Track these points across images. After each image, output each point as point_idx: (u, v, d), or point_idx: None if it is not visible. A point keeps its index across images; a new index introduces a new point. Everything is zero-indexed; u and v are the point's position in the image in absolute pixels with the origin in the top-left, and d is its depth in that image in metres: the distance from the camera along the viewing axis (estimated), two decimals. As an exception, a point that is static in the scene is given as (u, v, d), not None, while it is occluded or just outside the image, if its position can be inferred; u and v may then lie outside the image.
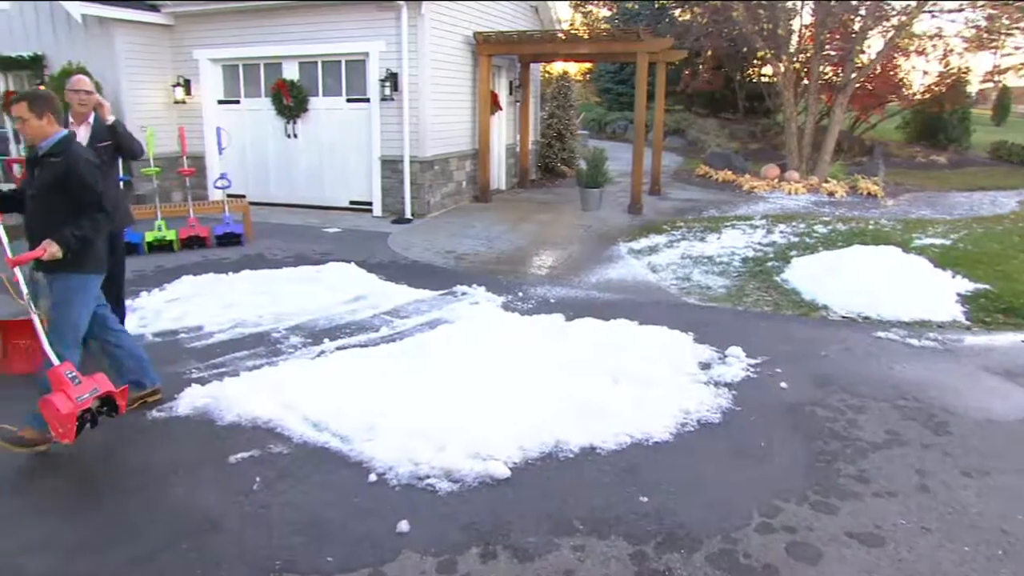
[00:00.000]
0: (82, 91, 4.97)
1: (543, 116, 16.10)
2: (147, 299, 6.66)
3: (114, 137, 5.07)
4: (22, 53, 11.50)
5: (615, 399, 4.42)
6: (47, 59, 11.35)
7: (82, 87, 4.98)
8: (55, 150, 3.82)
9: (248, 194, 11.96)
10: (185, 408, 4.45)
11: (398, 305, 6.55)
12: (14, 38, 11.55)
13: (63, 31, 11.13)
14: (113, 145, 5.08)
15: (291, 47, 10.97)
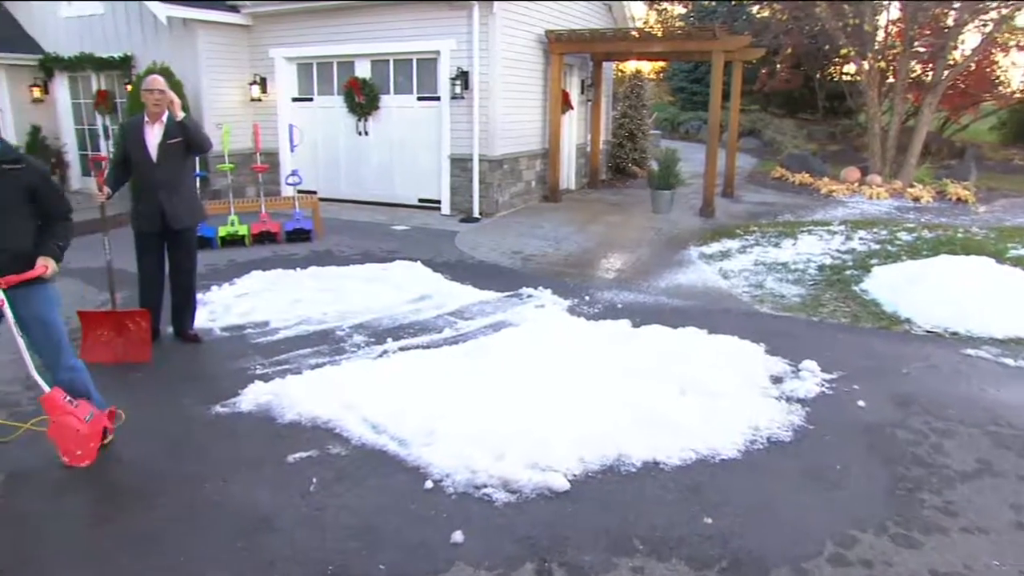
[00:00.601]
0: (156, 90, 5.09)
1: (615, 116, 15.87)
2: (217, 293, 6.82)
3: (183, 133, 5.19)
4: (113, 54, 12.02)
5: (681, 411, 4.26)
6: (135, 59, 11.82)
7: (155, 87, 5.10)
8: (8, 157, 3.58)
9: (319, 190, 12.18)
10: (248, 404, 4.51)
11: (463, 306, 6.52)
12: (106, 40, 12.09)
13: (150, 32, 11.58)
14: (184, 141, 5.20)
15: (363, 45, 11.10)
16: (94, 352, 5.17)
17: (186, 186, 5.40)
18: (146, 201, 5.24)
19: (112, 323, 5.21)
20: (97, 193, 5.02)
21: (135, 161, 5.16)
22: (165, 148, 5.14)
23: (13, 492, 3.68)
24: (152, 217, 5.23)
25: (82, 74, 12.83)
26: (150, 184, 5.19)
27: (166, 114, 5.15)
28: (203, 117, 11.37)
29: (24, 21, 13.26)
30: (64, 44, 12.67)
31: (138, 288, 5.54)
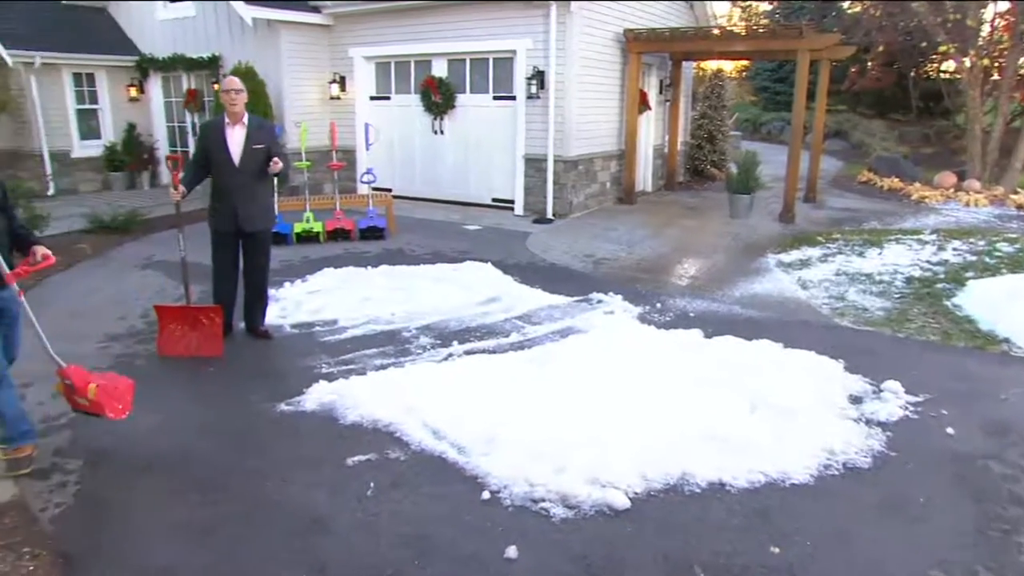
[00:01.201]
0: (232, 90, 5.20)
1: (694, 116, 15.50)
2: (289, 290, 6.97)
3: (272, 148, 5.30)
4: (202, 54, 12.52)
5: (751, 430, 4.08)
6: (222, 59, 12.27)
7: (232, 87, 5.21)
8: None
9: (394, 188, 12.37)
10: (312, 404, 4.56)
11: (531, 310, 6.45)
12: (197, 41, 12.60)
13: (236, 33, 11.99)
14: (267, 149, 5.28)
15: (441, 45, 11.16)
16: (169, 345, 5.36)
17: (263, 190, 5.50)
18: (223, 202, 5.36)
19: (186, 318, 5.39)
20: (172, 192, 5.18)
21: (215, 162, 5.28)
22: (248, 152, 5.24)
23: (90, 477, 3.84)
24: (228, 217, 5.36)
25: (174, 74, 13.41)
26: (229, 186, 5.31)
27: (246, 116, 5.27)
28: (283, 115, 11.70)
29: (124, 25, 13.99)
30: (159, 46, 13.27)
31: (212, 284, 5.70)
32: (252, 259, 5.58)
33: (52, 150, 13.03)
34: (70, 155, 13.42)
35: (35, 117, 12.70)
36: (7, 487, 3.79)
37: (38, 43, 12.42)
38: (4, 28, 12.16)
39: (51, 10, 13.49)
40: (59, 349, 5.62)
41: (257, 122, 5.37)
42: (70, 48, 12.88)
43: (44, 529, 3.42)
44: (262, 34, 11.65)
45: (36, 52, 12.29)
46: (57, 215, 10.41)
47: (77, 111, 13.41)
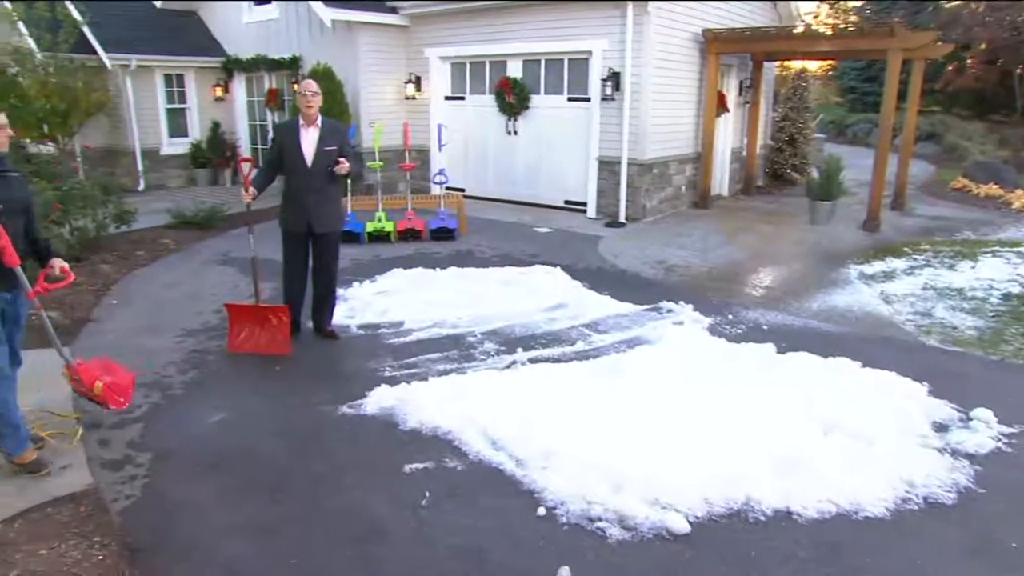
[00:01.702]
0: (309, 92, 5.28)
1: (775, 118, 15.00)
2: (358, 290, 7.06)
3: (343, 150, 5.37)
4: (283, 55, 12.87)
5: (823, 455, 3.88)
6: (302, 60, 12.58)
7: (309, 89, 5.29)
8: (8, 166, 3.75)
9: (467, 188, 12.42)
10: (373, 407, 4.60)
11: (598, 318, 6.34)
12: (279, 43, 12.98)
13: (316, 34, 12.28)
14: (339, 150, 5.34)
15: (516, 45, 11.13)
16: (239, 343, 5.51)
17: (334, 192, 5.55)
18: (294, 202, 5.44)
19: (255, 316, 5.53)
20: (244, 193, 5.30)
21: (288, 163, 5.37)
22: (320, 154, 5.31)
23: (158, 472, 3.96)
24: (299, 219, 5.44)
25: (256, 74, 13.85)
26: (300, 187, 5.38)
27: (320, 118, 5.34)
28: (359, 115, 11.90)
29: (212, 27, 14.56)
30: (243, 47, 13.73)
31: (283, 283, 5.82)
32: (321, 260, 5.65)
33: (143, 147, 13.67)
34: (159, 152, 14.04)
35: (129, 116, 13.34)
36: (84, 475, 3.96)
37: (134, 47, 13.06)
38: (105, 34, 12.82)
39: (147, 15, 14.18)
40: (140, 342, 5.93)
41: (330, 124, 5.44)
42: (163, 51, 13.49)
43: (113, 520, 3.55)
44: (340, 35, 11.88)
45: (132, 55, 12.92)
46: (144, 210, 10.88)
47: (167, 110, 14.03)
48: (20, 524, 3.53)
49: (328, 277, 5.74)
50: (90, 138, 13.30)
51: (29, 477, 3.90)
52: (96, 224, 8.67)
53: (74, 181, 8.44)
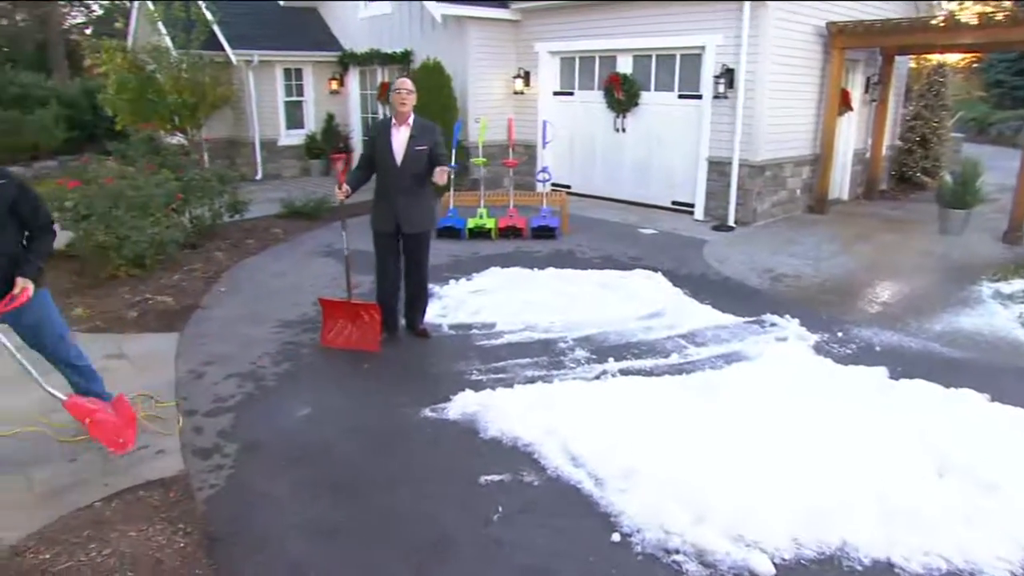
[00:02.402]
0: (403, 90, 5.25)
1: (905, 116, 13.94)
2: (453, 288, 7.06)
3: (434, 150, 5.31)
4: (396, 49, 13.13)
5: (936, 500, 3.50)
6: (413, 54, 12.78)
7: (403, 87, 5.27)
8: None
9: (573, 185, 12.27)
10: (455, 412, 4.55)
11: (696, 329, 6.05)
12: (391, 37, 13.26)
13: (427, 29, 12.45)
14: (428, 150, 5.30)
15: (626, 41, 10.85)
16: (331, 337, 5.63)
17: (424, 191, 5.50)
18: (385, 202, 5.45)
19: (347, 312, 5.63)
20: (337, 191, 5.34)
21: (379, 162, 5.38)
22: (410, 153, 5.29)
23: (242, 463, 4.09)
24: (388, 218, 5.45)
25: (370, 68, 14.22)
26: (390, 186, 5.38)
27: (412, 117, 5.32)
28: (467, 109, 11.97)
29: (330, 23, 15.07)
30: (358, 41, 14.13)
31: (375, 283, 5.85)
32: (412, 259, 5.65)
33: (262, 139, 14.33)
34: (277, 143, 14.67)
35: (251, 109, 14.00)
36: (176, 461, 4.13)
37: (257, 43, 13.71)
38: (232, 32, 13.51)
39: (271, 12, 14.87)
40: (241, 331, 6.14)
41: (421, 123, 5.40)
42: (283, 46, 14.08)
43: (198, 508, 3.68)
44: (451, 30, 11.97)
45: (255, 51, 13.56)
46: (259, 199, 11.40)
47: (285, 103, 14.63)
48: (117, 504, 3.72)
49: (419, 277, 5.74)
50: (214, 130, 14.04)
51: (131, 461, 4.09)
52: (212, 213, 9.12)
53: (195, 172, 8.88)
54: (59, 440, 4.34)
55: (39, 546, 3.37)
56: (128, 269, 7.35)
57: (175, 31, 12.60)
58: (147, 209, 7.42)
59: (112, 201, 7.11)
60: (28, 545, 3.38)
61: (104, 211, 7.07)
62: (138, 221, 7.21)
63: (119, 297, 6.91)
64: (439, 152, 5.35)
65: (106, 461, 4.11)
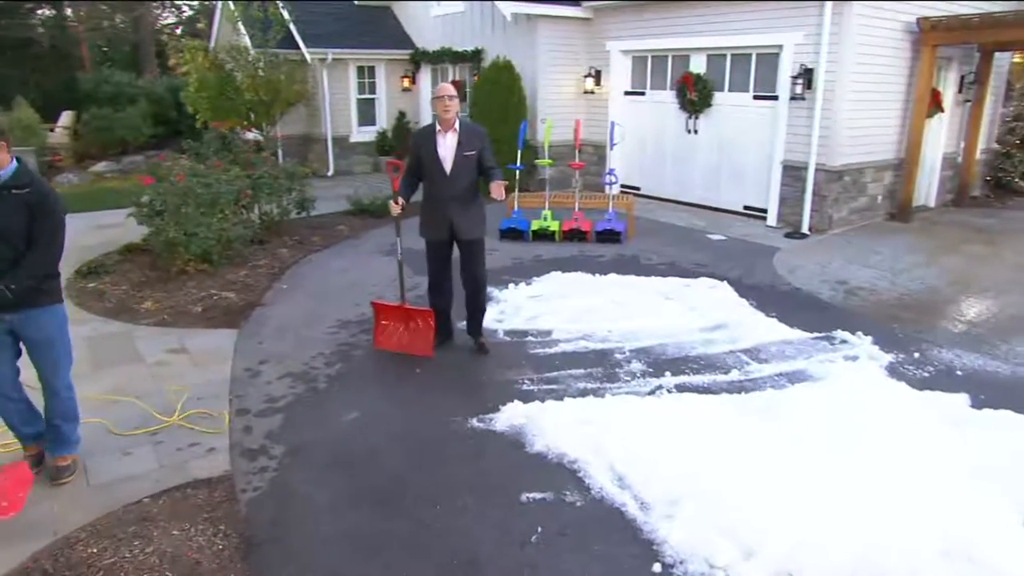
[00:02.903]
0: (446, 96, 5.09)
1: (1005, 117, 13.04)
2: (512, 292, 6.97)
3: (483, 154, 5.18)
4: (467, 48, 13.13)
5: (1015, 554, 3.18)
6: (484, 53, 12.75)
7: (446, 93, 5.11)
8: (20, 181, 3.53)
9: (642, 187, 12.04)
10: (503, 424, 4.47)
11: (760, 343, 5.78)
12: (463, 35, 13.30)
13: (498, 28, 12.41)
14: (478, 155, 5.17)
15: (701, 39, 10.53)
16: (384, 339, 5.60)
17: (476, 197, 5.33)
18: (435, 211, 5.30)
19: (400, 316, 5.58)
20: (392, 204, 5.21)
21: (427, 170, 5.22)
22: (459, 159, 5.16)
23: (287, 467, 4.12)
24: (440, 227, 5.30)
25: (441, 66, 14.28)
26: (440, 194, 5.23)
27: (458, 122, 5.16)
28: (537, 108, 11.89)
29: (404, 21, 15.23)
30: (430, 40, 14.23)
31: (428, 290, 5.71)
32: (466, 268, 5.49)
33: (334, 135, 14.60)
34: (348, 139, 14.92)
35: (324, 106, 14.26)
36: (224, 461, 4.19)
37: (332, 41, 13.97)
38: (307, 30, 13.80)
39: (345, 10, 15.15)
40: (298, 329, 6.27)
41: (468, 128, 5.26)
42: (357, 44, 14.31)
43: (240, 511, 3.71)
44: (521, 28, 11.89)
45: (329, 49, 13.81)
46: (329, 195, 11.59)
47: (358, 100, 14.84)
48: (164, 501, 3.80)
49: (475, 286, 5.56)
50: (289, 127, 14.38)
51: (181, 459, 4.18)
52: (280, 210, 9.29)
53: (264, 169, 9.06)
54: (115, 432, 4.48)
55: (89, 539, 3.47)
56: (196, 265, 7.55)
57: (253, 30, 12.93)
58: (215, 206, 7.60)
59: (181, 199, 7.31)
60: (80, 537, 3.49)
61: (174, 208, 7.27)
62: (206, 218, 7.39)
63: (187, 292, 7.11)
64: (489, 158, 5.22)
65: (159, 456, 4.21)
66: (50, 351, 3.83)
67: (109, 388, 5.12)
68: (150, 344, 5.92)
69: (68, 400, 3.98)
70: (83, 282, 7.51)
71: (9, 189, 3.49)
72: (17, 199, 3.50)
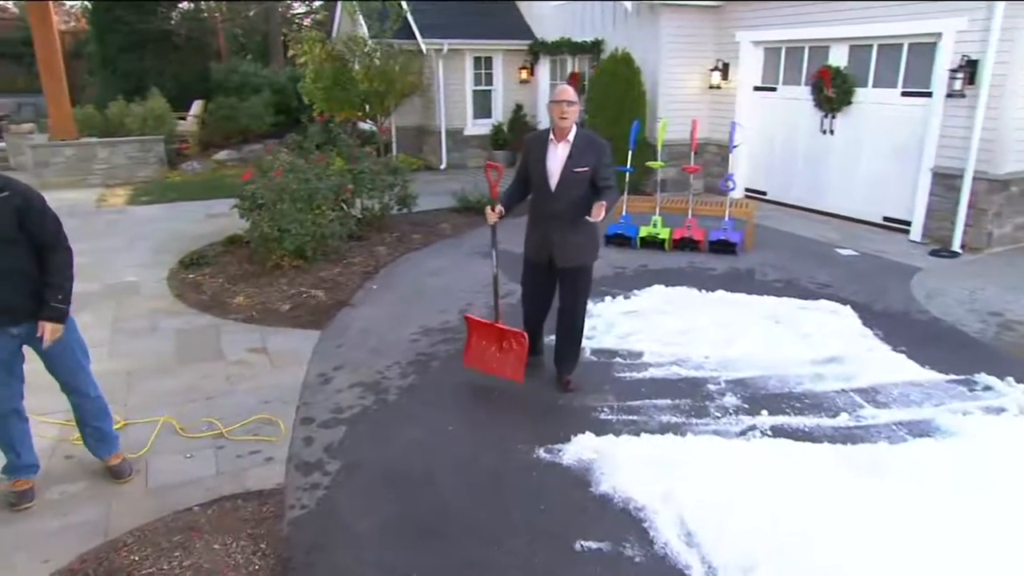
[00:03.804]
0: (563, 101, 4.58)
1: None
2: (608, 307, 6.70)
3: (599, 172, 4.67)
4: (586, 39, 12.90)
5: None
6: (604, 43, 12.47)
7: (564, 97, 4.60)
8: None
9: (769, 192, 11.44)
10: (570, 457, 4.26)
11: (880, 383, 5.20)
12: (582, 26, 13.09)
13: (619, 18, 12.13)
14: (591, 172, 4.68)
15: (843, 28, 9.74)
16: (473, 359, 5.30)
17: (583, 219, 4.62)
18: (537, 228, 4.94)
19: (493, 336, 5.21)
20: (489, 212, 4.89)
21: (533, 182, 4.86)
22: (568, 175, 4.66)
23: (339, 485, 4.08)
24: (539, 248, 4.92)
25: (560, 57, 14.14)
26: (543, 212, 4.83)
27: (573, 131, 4.72)
28: (657, 103, 11.50)
29: (524, 11, 15.17)
30: (549, 30, 14.10)
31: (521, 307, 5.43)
32: (565, 298, 5.03)
33: (448, 128, 14.75)
34: (463, 132, 15.05)
35: (439, 98, 14.43)
36: (279, 473, 4.22)
37: (448, 31, 14.11)
38: (424, 20, 14.00)
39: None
40: (380, 334, 6.32)
41: (586, 139, 4.71)
42: (474, 34, 14.37)
43: (283, 529, 3.70)
44: (643, 18, 11.51)
45: (445, 40, 13.96)
46: (436, 190, 11.72)
47: (473, 92, 14.92)
48: (213, 511, 3.87)
49: (571, 320, 5.08)
50: (404, 118, 14.68)
51: (239, 466, 4.24)
52: (381, 206, 9.43)
53: (366, 163, 9.20)
54: (181, 434, 4.62)
55: (134, 544, 3.57)
56: (291, 260, 7.77)
57: (371, 20, 13.25)
58: (312, 202, 7.77)
59: (277, 194, 7.52)
60: (126, 542, 3.59)
61: (270, 203, 7.50)
62: (301, 215, 7.56)
63: (278, 288, 7.32)
64: (606, 175, 4.68)
65: (219, 462, 4.30)
66: (71, 355, 3.87)
67: (186, 386, 5.31)
68: (234, 341, 6.12)
69: (98, 399, 4.06)
70: (184, 273, 7.91)
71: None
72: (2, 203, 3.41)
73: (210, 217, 10.52)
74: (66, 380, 3.92)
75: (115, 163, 13.99)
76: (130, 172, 14.11)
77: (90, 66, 20.76)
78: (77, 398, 4.00)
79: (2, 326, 3.61)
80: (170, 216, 10.95)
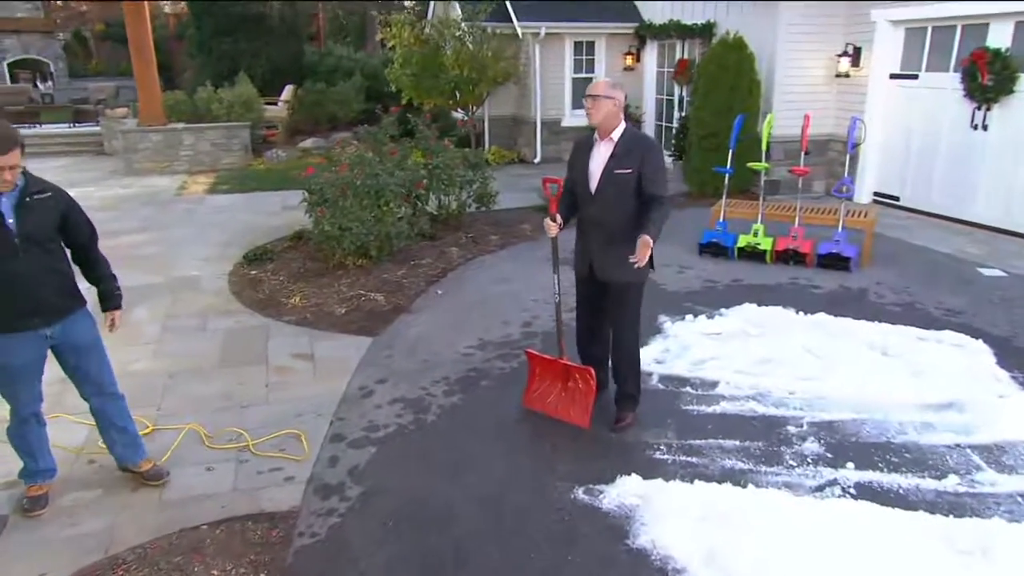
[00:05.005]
0: (588, 96, 4.46)
1: None
2: (686, 326, 6.41)
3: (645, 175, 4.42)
4: (696, 21, 12.48)
5: None
6: (716, 27, 12.02)
7: (589, 92, 4.46)
8: (38, 187, 3.75)
9: (903, 197, 10.70)
10: (611, 501, 4.05)
11: (1007, 441, 4.64)
12: (693, 7, 12.68)
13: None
14: (636, 173, 4.44)
15: (1009, 1, 8.82)
16: (534, 399, 5.11)
17: (627, 229, 4.43)
18: (580, 238, 4.78)
19: (557, 373, 5.03)
20: (549, 223, 4.67)
21: (576, 187, 4.68)
22: (608, 177, 4.47)
23: (354, 513, 4.04)
24: (582, 257, 4.78)
25: (668, 42, 13.72)
26: (585, 218, 4.69)
27: (619, 129, 4.50)
28: (772, 93, 11.02)
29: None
30: (657, 12, 13.74)
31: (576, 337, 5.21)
32: (610, 316, 4.84)
33: (544, 118, 14.63)
34: (560, 123, 14.91)
35: (535, 85, 14.32)
36: (296, 494, 4.24)
37: (547, 13, 13.98)
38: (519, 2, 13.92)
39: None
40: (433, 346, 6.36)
41: (631, 139, 4.49)
42: (574, 17, 14.17)
43: (288, 557, 3.70)
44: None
45: (543, 23, 13.86)
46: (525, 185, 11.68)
47: (573, 80, 14.72)
48: (220, 531, 3.93)
49: (619, 339, 4.81)
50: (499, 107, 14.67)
51: (257, 484, 4.31)
52: (458, 204, 9.42)
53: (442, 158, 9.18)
54: (206, 443, 4.72)
55: (132, 563, 3.66)
56: (355, 259, 7.85)
57: (465, 2, 13.30)
58: (379, 199, 7.80)
59: (341, 191, 7.61)
60: (126, 560, 3.69)
61: (333, 200, 7.60)
62: (363, 213, 7.62)
63: (337, 289, 7.42)
64: (650, 179, 4.41)
65: (237, 478, 4.35)
66: (98, 352, 4.11)
67: (222, 392, 5.44)
68: (281, 345, 6.24)
69: (122, 399, 4.29)
70: (247, 268, 8.16)
71: (32, 195, 3.69)
72: (42, 204, 3.72)
73: (286, 209, 10.83)
74: (95, 379, 4.11)
75: (200, 149, 14.71)
76: (214, 159, 14.79)
77: (189, 49, 21.91)
78: (101, 400, 4.19)
79: (35, 328, 3.82)
80: (246, 207, 11.37)
